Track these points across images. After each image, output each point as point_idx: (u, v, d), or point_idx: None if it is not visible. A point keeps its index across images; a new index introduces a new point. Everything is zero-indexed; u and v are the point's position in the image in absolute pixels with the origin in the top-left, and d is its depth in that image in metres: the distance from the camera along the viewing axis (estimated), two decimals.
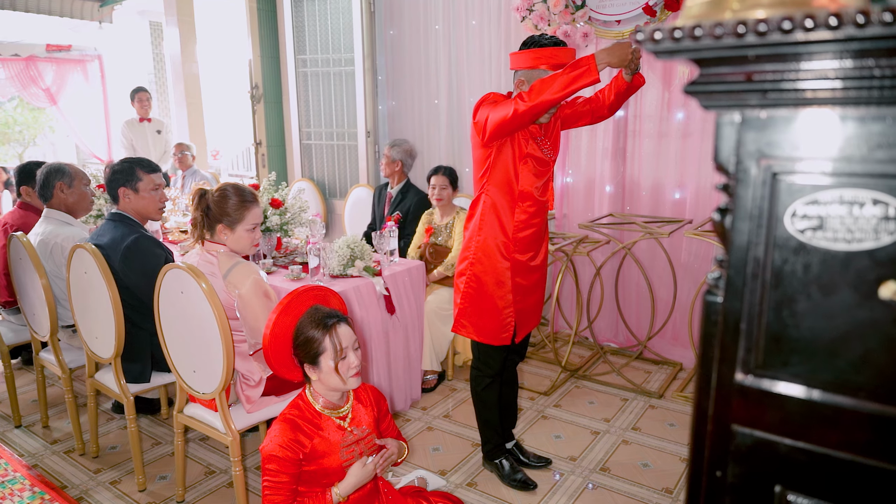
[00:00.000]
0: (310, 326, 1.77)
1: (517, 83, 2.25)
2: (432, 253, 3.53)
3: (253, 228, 2.30)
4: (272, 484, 1.75)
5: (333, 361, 1.75)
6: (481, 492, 2.51)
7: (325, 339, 1.75)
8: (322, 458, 1.80)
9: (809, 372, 0.65)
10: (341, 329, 1.77)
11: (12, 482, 1.43)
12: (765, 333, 0.66)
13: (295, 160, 5.19)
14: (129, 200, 2.58)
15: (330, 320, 1.77)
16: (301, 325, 1.79)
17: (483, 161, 2.29)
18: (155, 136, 5.93)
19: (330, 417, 1.84)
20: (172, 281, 2.19)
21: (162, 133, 5.98)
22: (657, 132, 3.66)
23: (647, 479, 2.59)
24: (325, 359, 1.75)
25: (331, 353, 1.74)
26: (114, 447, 2.90)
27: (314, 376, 1.79)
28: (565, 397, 3.33)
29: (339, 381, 1.77)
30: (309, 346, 1.76)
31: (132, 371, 2.53)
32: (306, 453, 1.79)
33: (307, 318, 1.79)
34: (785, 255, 0.64)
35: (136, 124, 5.87)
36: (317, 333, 1.75)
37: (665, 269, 3.70)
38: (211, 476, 2.66)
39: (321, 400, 1.85)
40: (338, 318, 1.79)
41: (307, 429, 1.81)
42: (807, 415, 0.65)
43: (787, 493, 0.68)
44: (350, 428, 1.87)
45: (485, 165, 2.29)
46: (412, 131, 4.72)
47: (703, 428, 0.72)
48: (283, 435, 1.76)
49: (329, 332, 1.75)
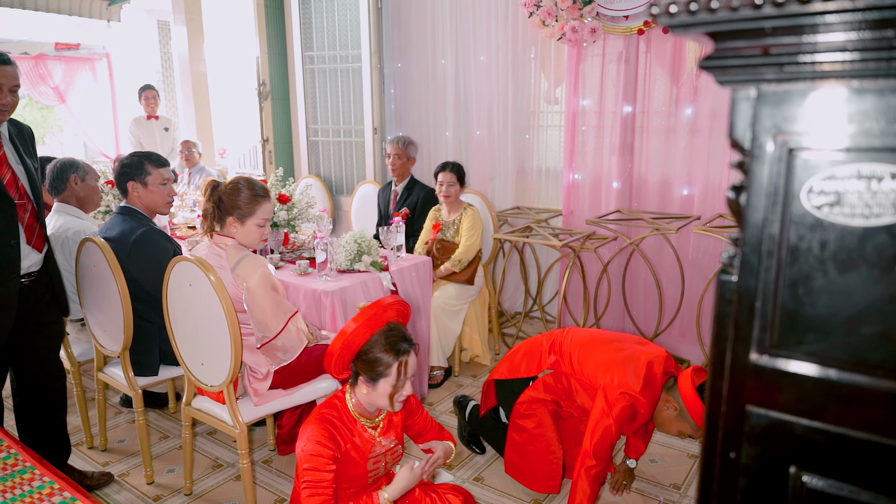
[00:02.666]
0: (383, 348, 1.70)
1: (673, 409, 2.13)
2: (439, 249, 3.53)
3: (263, 223, 2.30)
4: (313, 484, 1.67)
5: (392, 388, 1.70)
6: (488, 486, 2.51)
7: (393, 365, 1.69)
8: (350, 463, 1.76)
9: (825, 350, 0.64)
10: (410, 360, 1.72)
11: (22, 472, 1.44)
12: (780, 312, 0.65)
13: (302, 157, 5.20)
14: (137, 194, 2.59)
15: (403, 346, 1.71)
16: (374, 343, 1.71)
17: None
18: (163, 133, 5.96)
19: (364, 426, 1.80)
20: (181, 273, 2.20)
21: (170, 130, 6.01)
22: (665, 128, 3.65)
23: (654, 475, 2.57)
24: (385, 383, 1.70)
25: (392, 380, 1.70)
26: (122, 440, 2.91)
27: (364, 389, 1.74)
28: None
29: (387, 404, 1.73)
30: (375, 365, 1.69)
31: (140, 364, 2.54)
32: (341, 454, 1.74)
33: (382, 338, 1.71)
34: (801, 231, 0.63)
35: (144, 122, 5.90)
36: (388, 358, 1.69)
37: (673, 265, 3.68)
38: (218, 469, 2.67)
39: (358, 406, 1.80)
40: (409, 347, 1.72)
41: (343, 431, 1.76)
42: (823, 394, 0.64)
43: (803, 473, 0.67)
44: (379, 438, 1.83)
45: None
46: (419, 128, 4.72)
47: (716, 409, 0.72)
48: (322, 434, 1.70)
49: (399, 361, 1.70)
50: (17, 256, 2.15)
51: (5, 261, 2.11)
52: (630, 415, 2.08)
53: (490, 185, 4.42)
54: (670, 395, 2.13)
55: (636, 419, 2.11)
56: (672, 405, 2.11)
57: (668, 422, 2.15)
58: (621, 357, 2.16)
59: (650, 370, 2.10)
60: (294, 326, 2.30)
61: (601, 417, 2.07)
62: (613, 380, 2.10)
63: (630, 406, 2.06)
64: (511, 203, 4.33)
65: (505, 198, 4.38)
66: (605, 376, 2.13)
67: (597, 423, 2.08)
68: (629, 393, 2.06)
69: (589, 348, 2.27)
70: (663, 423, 2.17)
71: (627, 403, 2.05)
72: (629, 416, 2.08)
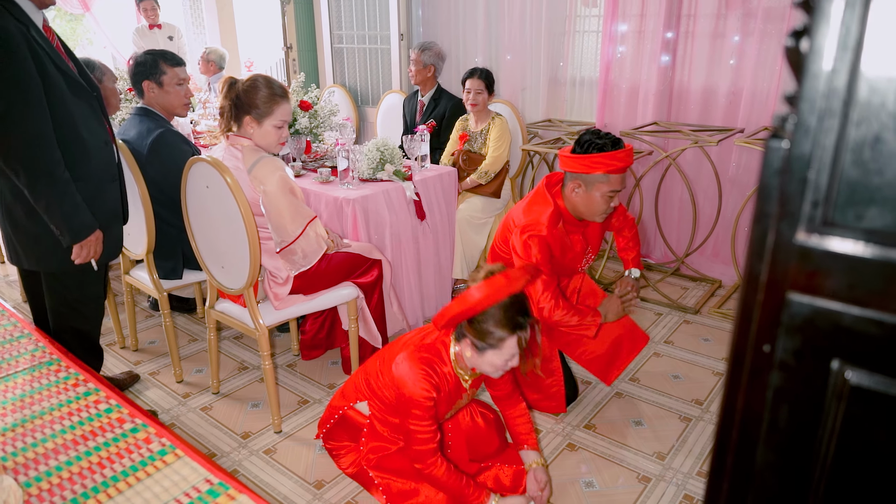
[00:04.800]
0: (498, 322, 1.58)
1: (572, 185, 2.09)
2: (466, 160, 3.41)
3: (281, 125, 2.22)
4: (422, 429, 1.66)
5: (500, 361, 1.62)
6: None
7: (506, 340, 1.59)
8: (437, 407, 1.73)
9: (891, 226, 0.54)
10: (524, 337, 1.60)
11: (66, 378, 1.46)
12: (839, 182, 0.56)
13: (326, 65, 5.03)
14: (154, 94, 2.51)
15: (520, 322, 1.58)
16: (490, 314, 1.58)
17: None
18: (167, 42, 5.75)
19: (458, 377, 1.77)
20: (198, 175, 2.15)
21: (174, 39, 5.79)
22: (712, 32, 3.37)
23: (677, 390, 2.55)
24: (493, 355, 1.62)
25: (502, 354, 1.61)
26: (152, 342, 3.00)
27: (469, 353, 1.66)
28: None
29: (490, 370, 1.67)
30: (486, 337, 1.59)
31: (164, 268, 2.56)
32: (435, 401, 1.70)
33: (500, 312, 1.57)
34: (874, 83, 0.52)
35: (147, 32, 5.71)
36: (502, 333, 1.58)
37: (711, 181, 3.51)
38: (244, 371, 2.73)
39: (459, 359, 1.75)
40: (526, 323, 1.60)
41: (442, 378, 1.72)
42: (882, 278, 0.55)
43: (847, 368, 0.59)
44: (470, 390, 1.83)
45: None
46: (448, 34, 4.48)
47: (752, 298, 0.63)
48: (426, 380, 1.66)
49: (516, 337, 1.59)
50: (113, 160, 2.03)
51: (104, 167, 1.98)
52: (539, 245, 2.04)
53: (521, 96, 4.22)
54: (568, 186, 2.12)
55: (549, 244, 2.07)
56: (576, 186, 2.08)
57: (588, 202, 2.08)
58: (518, 209, 2.17)
59: (540, 200, 2.12)
60: (313, 232, 2.26)
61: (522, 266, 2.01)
62: (513, 227, 2.13)
63: (530, 237, 2.05)
64: (542, 116, 4.14)
65: (536, 110, 4.19)
66: (511, 230, 2.16)
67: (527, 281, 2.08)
68: (521, 227, 2.07)
69: (500, 228, 2.28)
70: (588, 206, 2.09)
71: (526, 238, 2.05)
72: (540, 247, 2.04)
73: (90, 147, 1.91)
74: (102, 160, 1.97)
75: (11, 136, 1.71)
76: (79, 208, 1.86)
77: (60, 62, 1.83)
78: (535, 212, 2.10)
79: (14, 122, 1.70)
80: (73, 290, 2.08)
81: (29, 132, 1.73)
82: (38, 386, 1.44)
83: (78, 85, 1.88)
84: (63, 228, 1.85)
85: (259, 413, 2.42)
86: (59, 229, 1.86)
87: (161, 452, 1.21)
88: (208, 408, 2.46)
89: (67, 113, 1.83)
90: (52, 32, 1.88)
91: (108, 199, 2.03)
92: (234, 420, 2.38)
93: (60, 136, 1.81)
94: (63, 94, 1.82)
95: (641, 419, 2.36)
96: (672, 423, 2.33)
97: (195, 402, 2.50)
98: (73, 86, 1.86)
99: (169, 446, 1.22)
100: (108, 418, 1.32)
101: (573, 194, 2.10)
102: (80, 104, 1.88)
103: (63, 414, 1.34)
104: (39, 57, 1.75)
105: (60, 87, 1.81)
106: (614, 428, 2.31)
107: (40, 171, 1.76)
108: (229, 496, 1.09)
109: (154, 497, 1.10)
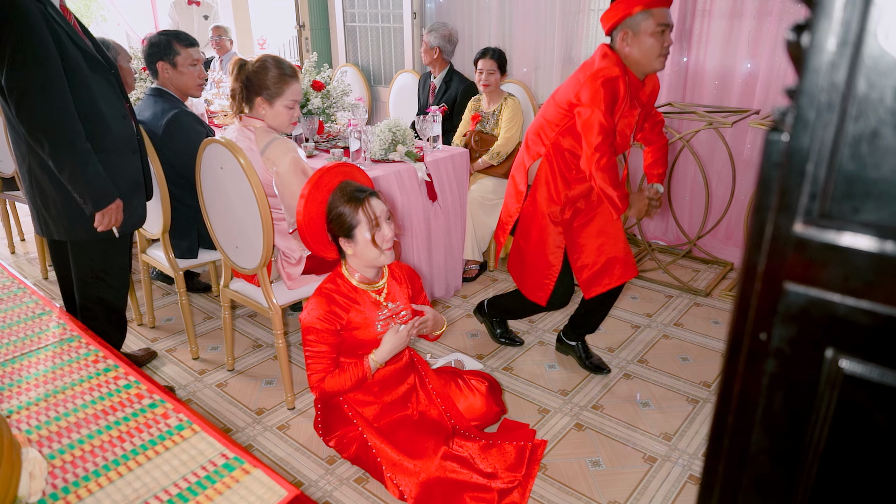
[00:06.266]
0: (342, 201, 1.80)
1: (620, 38, 2.08)
2: (478, 141, 3.41)
3: (292, 105, 2.24)
4: (313, 353, 1.85)
5: (370, 233, 1.78)
6: (516, 375, 2.55)
7: (358, 211, 1.78)
8: (357, 329, 1.86)
9: (886, 220, 0.55)
10: (373, 201, 1.80)
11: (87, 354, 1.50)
12: (836, 176, 0.57)
13: (339, 44, 5.01)
14: (168, 75, 2.54)
15: (361, 194, 1.80)
16: (333, 201, 1.82)
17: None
18: (201, 21, 5.76)
19: (366, 292, 1.90)
20: (212, 156, 2.18)
21: (209, 19, 5.80)
22: (730, 11, 3.31)
23: (685, 372, 2.56)
24: (361, 231, 1.78)
25: (365, 224, 1.78)
26: (169, 319, 3.06)
27: (350, 250, 1.83)
28: None
29: (375, 252, 1.80)
30: (343, 219, 1.79)
31: (180, 247, 2.60)
32: (342, 325, 1.85)
33: (338, 194, 1.82)
34: (873, 78, 0.53)
35: (184, 7, 5.68)
36: (349, 208, 1.79)
37: (724, 163, 3.48)
38: (258, 349, 2.79)
39: (357, 275, 1.90)
40: (368, 192, 1.81)
41: (343, 302, 1.86)
42: (876, 270, 0.57)
43: (841, 357, 0.61)
44: (385, 303, 1.92)
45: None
46: (461, 12, 4.44)
47: (749, 287, 0.65)
48: (320, 307, 1.83)
49: (361, 205, 1.78)
50: (132, 133, 2.10)
51: (123, 140, 2.05)
52: (610, 91, 2.04)
53: (534, 75, 4.19)
54: (617, 42, 2.10)
55: (619, 93, 2.06)
56: (624, 36, 2.07)
57: (641, 46, 2.06)
58: (574, 74, 2.18)
59: (604, 56, 2.11)
60: None
61: (587, 116, 2.05)
62: (578, 85, 2.10)
63: (604, 83, 2.03)
64: None
65: (549, 90, 4.15)
66: (572, 93, 2.13)
67: (586, 123, 2.06)
68: (593, 74, 2.05)
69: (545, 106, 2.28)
70: (643, 52, 2.07)
71: (599, 83, 2.03)
72: (611, 94, 2.04)
73: (109, 120, 1.98)
74: (122, 133, 2.04)
75: (34, 109, 1.79)
76: (99, 177, 1.93)
77: (78, 39, 1.89)
78: (606, 63, 2.09)
79: (37, 97, 1.78)
80: (99, 261, 2.15)
81: (51, 105, 1.79)
82: (60, 362, 1.49)
83: (96, 61, 1.94)
84: (86, 196, 1.93)
85: (273, 390, 2.48)
86: (83, 198, 1.94)
87: (178, 427, 1.25)
88: (223, 384, 2.52)
89: (86, 87, 1.90)
90: (68, 11, 1.93)
91: (128, 170, 2.09)
92: (248, 396, 2.44)
93: (80, 109, 1.88)
94: (82, 70, 1.89)
95: (649, 400, 2.39)
96: (679, 405, 2.36)
97: (211, 378, 2.57)
98: (91, 62, 1.92)
99: (186, 421, 1.27)
100: (128, 394, 1.36)
101: (625, 46, 2.09)
102: (99, 79, 1.95)
103: (84, 389, 1.38)
104: (58, 34, 1.82)
105: (79, 63, 1.88)
106: (622, 409, 2.34)
107: (63, 142, 1.83)
108: (244, 470, 1.13)
109: (172, 470, 1.14)
